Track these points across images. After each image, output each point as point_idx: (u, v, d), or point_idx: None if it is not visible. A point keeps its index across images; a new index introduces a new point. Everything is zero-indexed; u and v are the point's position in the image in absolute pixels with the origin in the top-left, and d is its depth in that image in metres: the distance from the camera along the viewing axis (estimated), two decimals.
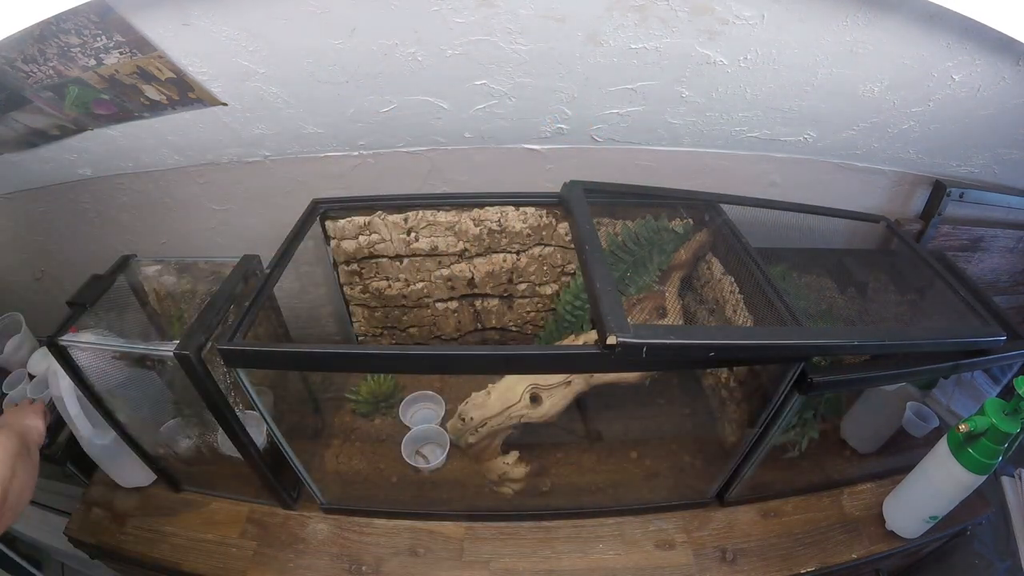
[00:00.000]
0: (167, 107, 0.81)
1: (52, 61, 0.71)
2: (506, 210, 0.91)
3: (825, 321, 0.88)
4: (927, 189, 1.02)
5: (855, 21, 0.71)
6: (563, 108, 0.85)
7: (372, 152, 0.92)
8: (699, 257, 0.93)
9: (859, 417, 0.97)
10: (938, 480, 0.77)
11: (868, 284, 0.95)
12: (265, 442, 0.83)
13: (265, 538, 0.86)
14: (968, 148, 0.94)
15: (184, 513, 0.90)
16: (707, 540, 0.86)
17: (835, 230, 1.01)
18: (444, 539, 0.86)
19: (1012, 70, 0.77)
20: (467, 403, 0.86)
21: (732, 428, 0.86)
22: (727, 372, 0.87)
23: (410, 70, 0.77)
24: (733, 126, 0.89)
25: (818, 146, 0.94)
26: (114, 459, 0.87)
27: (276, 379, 0.87)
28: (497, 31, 0.72)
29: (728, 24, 0.72)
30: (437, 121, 0.87)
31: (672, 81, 0.80)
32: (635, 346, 0.56)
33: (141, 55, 0.72)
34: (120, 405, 0.78)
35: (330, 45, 0.73)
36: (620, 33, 0.73)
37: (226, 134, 0.87)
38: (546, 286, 1.00)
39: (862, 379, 0.76)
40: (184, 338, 0.66)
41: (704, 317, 0.91)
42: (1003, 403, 0.70)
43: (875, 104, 0.84)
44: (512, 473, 0.87)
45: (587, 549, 0.85)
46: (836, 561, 0.84)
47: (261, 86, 0.79)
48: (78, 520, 0.90)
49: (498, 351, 0.64)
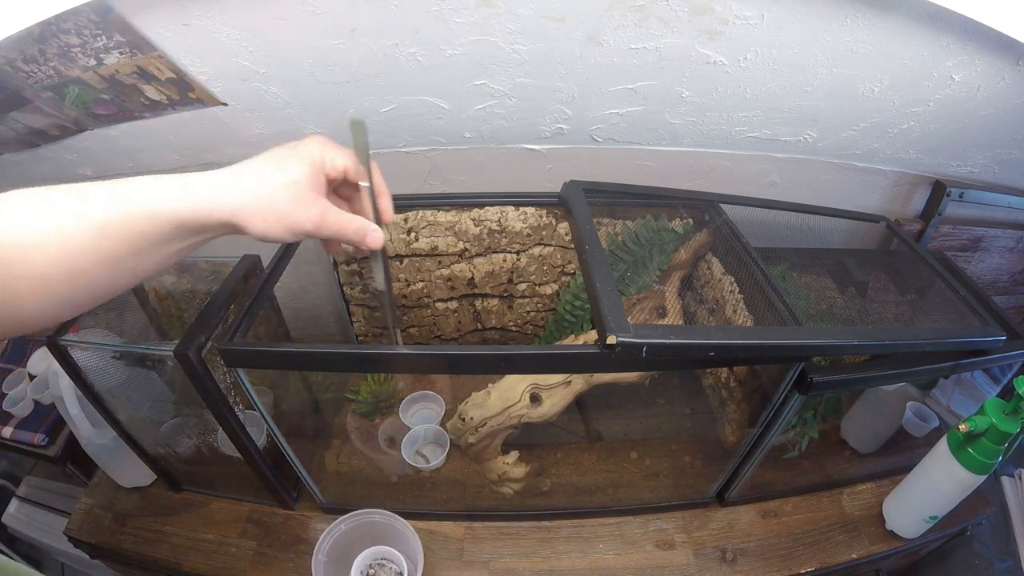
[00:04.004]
0: (167, 107, 0.81)
1: (52, 61, 0.71)
2: (506, 210, 0.91)
3: (825, 321, 0.88)
4: (927, 189, 1.02)
5: (855, 21, 0.71)
6: (563, 108, 0.85)
7: (372, 152, 0.92)
8: (699, 257, 0.93)
9: (859, 417, 0.97)
10: (938, 480, 0.77)
11: (868, 284, 0.95)
12: (265, 442, 0.83)
13: (265, 538, 0.86)
14: (968, 148, 0.94)
15: (184, 513, 0.90)
16: (707, 540, 0.86)
17: (835, 230, 1.01)
18: (444, 539, 0.86)
19: (1012, 70, 0.77)
20: (467, 403, 0.86)
21: (732, 428, 0.86)
22: (727, 372, 0.87)
23: (410, 70, 0.77)
24: (733, 126, 0.89)
25: (818, 146, 0.94)
26: (114, 459, 0.87)
27: (276, 379, 0.87)
28: (497, 31, 0.72)
29: (728, 24, 0.72)
30: (437, 121, 0.87)
31: (672, 81, 0.80)
32: (635, 346, 0.56)
33: (141, 55, 0.72)
34: (120, 405, 0.78)
35: (330, 45, 0.73)
36: (620, 33, 0.73)
37: (226, 134, 0.87)
38: (546, 286, 0.99)
39: (862, 379, 0.76)
40: (184, 338, 0.66)
41: (704, 317, 0.91)
42: (1003, 403, 0.70)
43: (875, 104, 0.84)
44: (512, 473, 0.87)
45: (587, 549, 0.85)
46: (836, 561, 0.84)
47: (261, 86, 0.79)
48: (78, 520, 0.90)
49: (498, 351, 0.64)
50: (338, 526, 0.78)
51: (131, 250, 0.42)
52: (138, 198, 0.41)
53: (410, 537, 0.78)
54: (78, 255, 0.40)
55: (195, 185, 0.42)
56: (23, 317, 0.39)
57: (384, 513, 0.79)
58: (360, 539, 0.80)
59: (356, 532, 0.80)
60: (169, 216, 0.41)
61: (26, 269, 0.38)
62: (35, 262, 0.38)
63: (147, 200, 0.41)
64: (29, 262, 0.38)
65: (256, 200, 0.44)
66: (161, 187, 0.42)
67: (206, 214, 0.42)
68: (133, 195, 0.41)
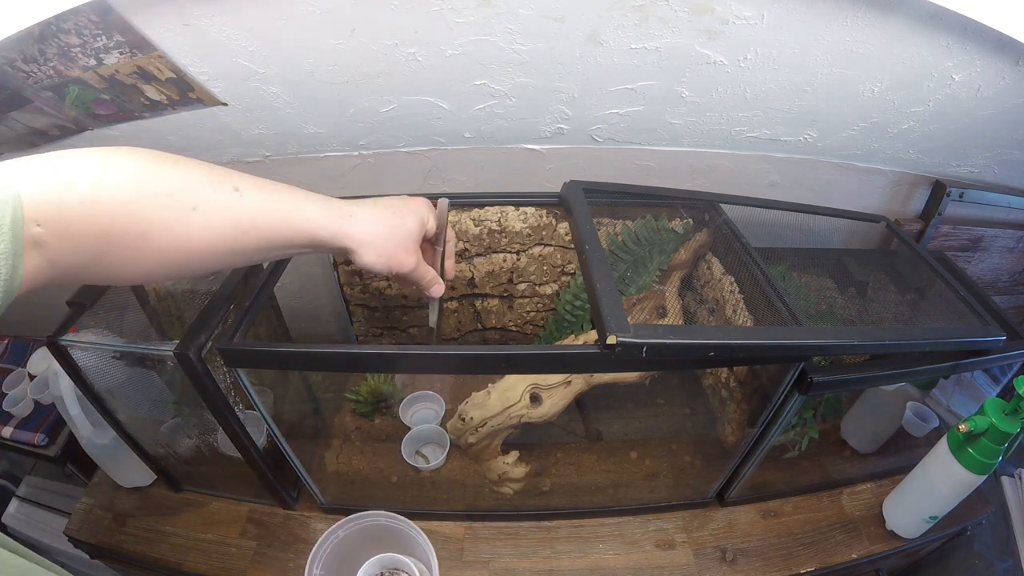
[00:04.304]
0: (167, 107, 0.81)
1: (52, 61, 0.71)
2: (506, 210, 0.91)
3: (825, 321, 0.88)
4: (927, 189, 1.02)
5: (855, 21, 0.71)
6: (563, 108, 0.85)
7: (372, 152, 0.92)
8: (699, 257, 0.93)
9: (859, 417, 0.97)
10: (938, 480, 0.77)
11: (868, 284, 0.95)
12: (265, 442, 0.83)
13: (265, 538, 0.86)
14: (968, 148, 0.94)
15: (184, 513, 0.90)
16: (707, 540, 0.86)
17: (835, 230, 1.01)
18: (444, 539, 0.86)
19: (1012, 70, 0.77)
20: (467, 403, 0.86)
21: (732, 428, 0.86)
22: (727, 372, 0.87)
23: (410, 70, 0.77)
24: (733, 126, 0.89)
25: (818, 146, 0.94)
26: (114, 459, 0.87)
27: (276, 379, 0.87)
28: (497, 31, 0.72)
29: (728, 24, 0.72)
30: (437, 121, 0.87)
31: (672, 81, 0.80)
32: (635, 346, 0.56)
33: (141, 55, 0.72)
34: (120, 405, 0.78)
35: (330, 45, 0.73)
36: (620, 33, 0.73)
37: (226, 134, 0.87)
38: (546, 286, 0.99)
39: (862, 379, 0.76)
40: (184, 338, 0.66)
41: (704, 317, 0.91)
42: (1003, 403, 0.70)
43: (875, 104, 0.84)
44: (512, 473, 0.87)
45: (587, 549, 0.85)
46: (836, 561, 0.84)
47: (261, 86, 0.79)
48: (78, 520, 0.90)
49: (498, 351, 0.64)
50: (335, 532, 0.72)
51: (260, 248, 0.48)
52: (294, 215, 0.49)
53: (421, 542, 0.71)
54: (215, 238, 0.45)
55: (333, 212, 0.52)
56: (137, 274, 0.44)
57: (388, 515, 0.72)
58: (361, 546, 0.74)
59: (356, 538, 0.73)
60: (311, 234, 0.50)
61: (174, 234, 0.42)
62: (187, 235, 0.43)
63: (300, 219, 0.49)
64: (185, 226, 0.43)
65: (376, 239, 0.54)
66: (310, 207, 0.50)
67: (337, 239, 0.52)
68: (285, 207, 0.49)
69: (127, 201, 0.39)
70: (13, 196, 0.33)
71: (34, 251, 0.36)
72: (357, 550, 0.75)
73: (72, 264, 0.38)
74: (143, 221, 0.40)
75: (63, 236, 0.36)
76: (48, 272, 0.37)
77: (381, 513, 0.74)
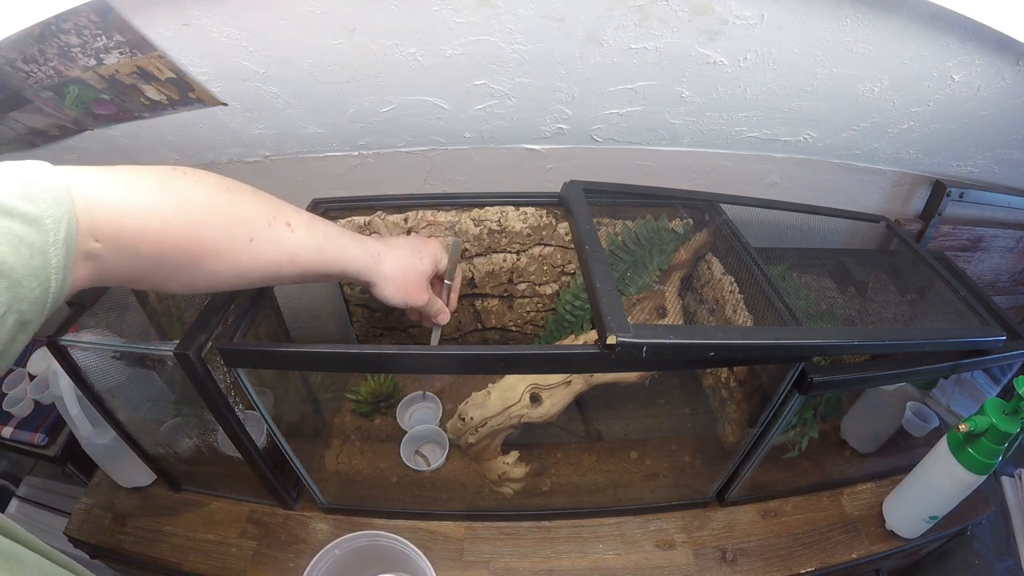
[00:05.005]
0: (167, 107, 0.81)
1: (52, 61, 0.71)
2: (506, 210, 0.91)
3: (825, 321, 0.88)
4: (927, 189, 1.02)
5: (855, 21, 0.71)
6: (563, 108, 0.85)
7: (372, 152, 0.92)
8: (699, 257, 0.93)
9: (859, 417, 0.97)
10: (938, 480, 0.77)
11: (868, 284, 0.95)
12: (265, 442, 0.83)
13: (265, 538, 0.86)
14: (968, 148, 0.94)
15: (184, 513, 0.90)
16: (707, 540, 0.86)
17: (835, 230, 1.01)
18: (444, 539, 0.86)
19: (1012, 70, 0.77)
20: (467, 403, 0.86)
21: (732, 428, 0.86)
22: (727, 372, 0.87)
23: (410, 70, 0.77)
24: (733, 126, 0.89)
25: (818, 146, 0.94)
26: (114, 459, 0.87)
27: (276, 379, 0.87)
28: (497, 31, 0.72)
29: (728, 24, 0.72)
30: (437, 121, 0.87)
31: (672, 81, 0.80)
32: (635, 346, 0.56)
33: (141, 55, 0.72)
34: (120, 405, 0.78)
35: (330, 45, 0.73)
36: (620, 33, 0.73)
37: (226, 134, 0.87)
38: (546, 286, 0.99)
39: (862, 379, 0.76)
40: (184, 338, 0.66)
41: (704, 317, 0.91)
42: (1003, 403, 0.70)
43: (875, 104, 0.84)
44: (512, 473, 0.87)
45: (587, 549, 0.85)
46: (836, 561, 0.84)
47: (261, 86, 0.79)
48: (78, 520, 0.90)
49: (498, 351, 0.64)
50: (332, 551, 0.71)
51: (296, 274, 0.54)
52: (333, 252, 0.56)
53: (423, 565, 0.70)
54: (261, 265, 0.50)
55: (366, 252, 0.60)
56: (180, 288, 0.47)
57: (387, 536, 0.72)
58: (359, 564, 0.74)
59: (353, 558, 0.73)
60: (343, 268, 0.58)
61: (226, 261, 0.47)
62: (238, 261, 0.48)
63: (337, 255, 0.57)
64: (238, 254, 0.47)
65: (395, 276, 0.63)
66: (348, 246, 0.58)
67: (364, 274, 0.61)
68: (327, 244, 0.55)
69: (192, 230, 0.42)
70: (68, 212, 0.35)
71: (86, 263, 0.37)
72: (353, 569, 0.75)
73: (119, 275, 0.41)
74: (201, 247, 0.43)
75: (120, 252, 0.39)
76: (94, 279, 0.39)
77: (380, 534, 0.73)
